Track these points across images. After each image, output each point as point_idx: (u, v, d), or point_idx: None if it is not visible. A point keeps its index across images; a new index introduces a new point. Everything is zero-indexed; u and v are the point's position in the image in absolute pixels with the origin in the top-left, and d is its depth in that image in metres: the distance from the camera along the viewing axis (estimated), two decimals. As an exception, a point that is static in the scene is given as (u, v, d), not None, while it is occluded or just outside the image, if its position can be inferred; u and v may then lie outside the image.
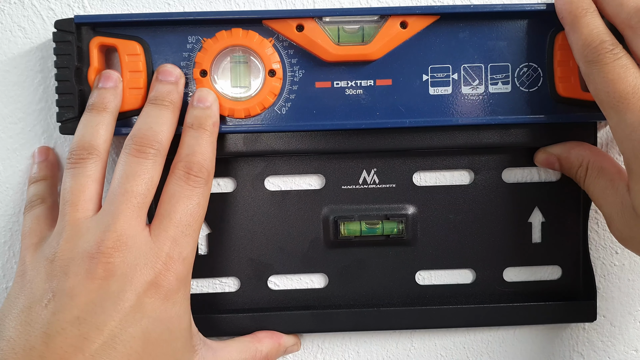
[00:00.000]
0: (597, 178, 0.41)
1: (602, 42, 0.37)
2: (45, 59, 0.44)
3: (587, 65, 0.38)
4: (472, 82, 0.42)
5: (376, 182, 0.45)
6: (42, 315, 0.34)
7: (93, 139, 0.38)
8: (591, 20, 0.39)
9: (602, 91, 0.37)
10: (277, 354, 0.44)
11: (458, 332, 0.47)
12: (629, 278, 0.47)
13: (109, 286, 0.34)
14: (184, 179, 0.38)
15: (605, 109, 0.37)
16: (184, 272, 0.37)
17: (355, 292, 0.46)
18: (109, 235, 0.35)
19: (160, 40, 0.42)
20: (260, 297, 0.46)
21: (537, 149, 0.44)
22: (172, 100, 0.40)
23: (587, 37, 0.38)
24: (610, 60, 0.37)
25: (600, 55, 0.37)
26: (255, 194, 0.45)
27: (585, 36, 0.38)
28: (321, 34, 0.41)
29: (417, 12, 0.41)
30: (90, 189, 0.37)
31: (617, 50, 0.37)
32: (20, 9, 0.44)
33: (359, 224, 0.45)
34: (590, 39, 0.38)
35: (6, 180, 0.45)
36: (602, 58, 0.37)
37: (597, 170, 0.41)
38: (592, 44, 0.38)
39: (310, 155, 0.45)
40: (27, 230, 0.40)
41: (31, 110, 0.45)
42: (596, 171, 0.41)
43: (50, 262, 0.35)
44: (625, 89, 0.36)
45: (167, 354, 0.36)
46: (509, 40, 0.42)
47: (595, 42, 0.38)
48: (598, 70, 0.37)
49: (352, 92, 0.42)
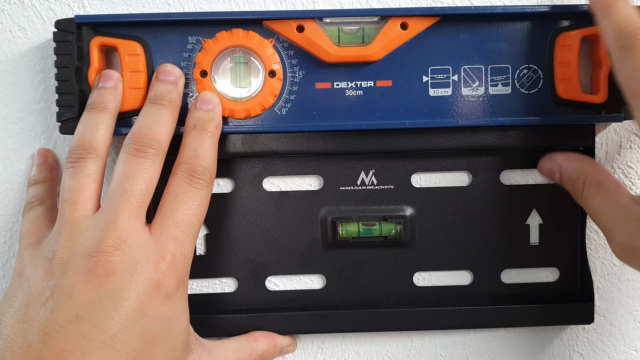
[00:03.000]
0: (596, 192, 0.40)
1: (637, 28, 0.36)
2: (45, 59, 0.44)
3: (621, 51, 0.36)
4: (472, 84, 0.42)
5: (374, 183, 0.45)
6: (40, 313, 0.33)
7: (93, 138, 0.38)
8: (625, 6, 0.38)
9: (634, 78, 0.36)
10: (273, 354, 0.44)
11: (458, 332, 0.47)
12: (628, 278, 0.47)
13: (109, 285, 0.34)
14: (187, 180, 0.38)
15: (635, 99, 0.36)
16: (184, 272, 0.37)
17: (353, 293, 0.46)
18: (108, 234, 0.35)
19: (161, 41, 0.42)
20: (258, 297, 0.46)
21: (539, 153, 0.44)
22: (172, 100, 0.40)
23: (621, 22, 0.37)
24: None
25: (635, 40, 0.36)
26: (253, 194, 0.45)
27: (619, 21, 0.37)
28: (321, 34, 0.41)
29: (417, 14, 0.41)
30: (90, 188, 0.37)
31: None
32: (20, 9, 0.44)
33: (357, 225, 0.45)
34: (625, 24, 0.37)
35: (6, 181, 0.45)
36: (637, 44, 0.36)
37: (595, 185, 0.41)
38: (626, 29, 0.36)
39: (308, 156, 0.45)
40: (26, 230, 0.40)
41: (31, 110, 0.45)
42: (595, 185, 0.41)
43: (49, 260, 0.35)
44: None
45: (165, 353, 0.36)
46: (509, 41, 0.42)
47: (630, 28, 0.36)
48: (632, 56, 0.36)
49: (352, 93, 0.42)
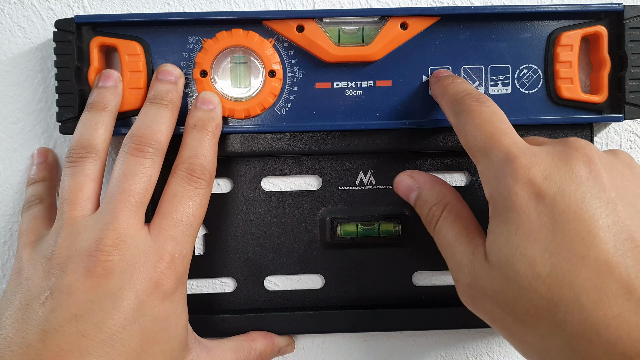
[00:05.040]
0: (454, 223, 0.38)
1: (467, 94, 0.37)
2: (45, 59, 0.44)
3: (456, 117, 0.37)
4: (472, 84, 0.42)
5: (373, 183, 0.45)
6: (39, 312, 0.33)
7: (92, 138, 0.38)
8: (458, 84, 0.39)
9: (470, 136, 0.36)
10: (271, 354, 0.44)
11: (458, 332, 0.47)
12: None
13: (108, 284, 0.34)
14: (187, 180, 0.38)
15: (475, 155, 0.36)
16: (183, 272, 0.37)
17: (352, 293, 0.46)
18: (107, 233, 0.35)
19: (161, 41, 0.42)
20: (257, 297, 0.46)
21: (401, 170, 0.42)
22: (172, 100, 0.40)
23: (453, 94, 0.38)
24: (477, 107, 0.36)
25: (466, 104, 0.37)
26: (252, 194, 0.45)
27: (451, 95, 0.38)
28: (321, 34, 0.41)
29: (417, 14, 0.41)
30: (89, 187, 0.37)
31: (483, 98, 0.37)
32: (20, 9, 0.44)
33: (356, 225, 0.45)
34: (455, 95, 0.38)
35: (6, 180, 0.45)
36: (468, 106, 0.36)
37: (454, 214, 0.38)
38: (457, 97, 0.38)
39: (307, 156, 0.45)
40: (25, 229, 0.40)
41: (31, 110, 0.45)
42: (453, 215, 0.38)
43: (48, 259, 0.35)
44: (492, 130, 0.35)
45: (164, 353, 0.35)
46: (509, 41, 0.42)
47: (460, 95, 0.37)
48: (465, 118, 0.36)
49: (352, 93, 0.42)
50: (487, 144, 0.35)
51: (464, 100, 0.37)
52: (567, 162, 0.33)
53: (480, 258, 0.34)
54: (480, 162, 0.35)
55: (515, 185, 0.33)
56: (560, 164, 0.33)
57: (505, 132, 0.35)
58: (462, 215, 0.38)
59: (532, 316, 0.32)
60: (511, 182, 0.33)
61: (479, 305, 0.35)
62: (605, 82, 0.42)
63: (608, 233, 0.31)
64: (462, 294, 0.36)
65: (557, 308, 0.31)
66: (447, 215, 0.38)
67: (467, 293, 0.36)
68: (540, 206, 0.32)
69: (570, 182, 0.32)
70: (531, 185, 0.33)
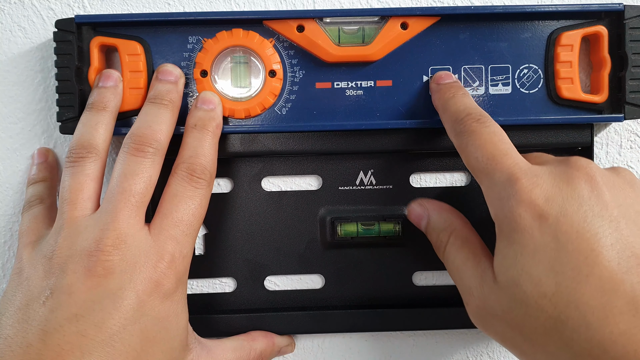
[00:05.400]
0: (460, 248, 0.38)
1: (468, 114, 0.37)
2: (45, 58, 0.44)
3: (457, 138, 0.37)
4: (473, 84, 0.42)
5: (373, 183, 0.45)
6: (39, 312, 0.33)
7: (92, 137, 0.38)
8: (459, 99, 0.39)
9: (472, 157, 0.36)
10: (271, 353, 0.44)
11: (458, 332, 0.47)
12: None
13: (108, 284, 0.34)
14: (187, 179, 0.38)
15: (478, 176, 0.36)
16: (183, 272, 0.37)
17: (352, 293, 0.46)
18: (107, 233, 0.35)
19: (161, 41, 0.42)
20: (257, 297, 0.46)
21: None
22: (172, 100, 0.40)
23: (454, 113, 0.38)
24: (478, 128, 0.36)
25: (467, 125, 0.37)
26: (252, 194, 0.45)
27: (452, 113, 0.38)
28: (322, 34, 0.41)
29: (417, 13, 0.41)
30: (89, 187, 0.37)
31: (484, 119, 0.37)
32: (20, 9, 0.44)
33: (356, 225, 0.45)
34: (457, 114, 0.38)
35: (6, 180, 0.45)
36: (469, 127, 0.37)
37: (461, 240, 0.39)
38: (459, 117, 0.38)
39: (307, 156, 0.45)
40: (25, 229, 0.40)
41: (31, 110, 0.45)
42: (460, 240, 0.39)
43: (48, 259, 0.35)
44: (493, 151, 0.35)
45: (164, 353, 0.35)
46: (509, 41, 0.42)
47: (462, 115, 0.38)
48: (467, 138, 0.37)
49: (352, 92, 0.42)
50: (489, 165, 0.35)
51: (464, 121, 0.37)
52: (569, 182, 0.33)
53: (488, 280, 0.35)
54: (484, 183, 0.36)
55: (518, 207, 0.33)
56: (562, 184, 0.33)
57: (506, 153, 0.35)
58: (469, 240, 0.38)
59: (541, 335, 0.32)
60: (514, 204, 0.33)
61: (490, 326, 0.36)
62: (605, 82, 0.42)
63: (612, 251, 0.31)
64: (473, 316, 0.37)
65: (564, 326, 0.31)
66: (454, 240, 0.39)
67: (478, 315, 0.36)
68: (544, 227, 0.33)
69: (573, 201, 0.33)
70: (534, 206, 0.33)
